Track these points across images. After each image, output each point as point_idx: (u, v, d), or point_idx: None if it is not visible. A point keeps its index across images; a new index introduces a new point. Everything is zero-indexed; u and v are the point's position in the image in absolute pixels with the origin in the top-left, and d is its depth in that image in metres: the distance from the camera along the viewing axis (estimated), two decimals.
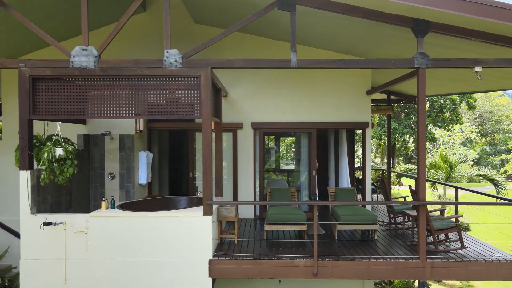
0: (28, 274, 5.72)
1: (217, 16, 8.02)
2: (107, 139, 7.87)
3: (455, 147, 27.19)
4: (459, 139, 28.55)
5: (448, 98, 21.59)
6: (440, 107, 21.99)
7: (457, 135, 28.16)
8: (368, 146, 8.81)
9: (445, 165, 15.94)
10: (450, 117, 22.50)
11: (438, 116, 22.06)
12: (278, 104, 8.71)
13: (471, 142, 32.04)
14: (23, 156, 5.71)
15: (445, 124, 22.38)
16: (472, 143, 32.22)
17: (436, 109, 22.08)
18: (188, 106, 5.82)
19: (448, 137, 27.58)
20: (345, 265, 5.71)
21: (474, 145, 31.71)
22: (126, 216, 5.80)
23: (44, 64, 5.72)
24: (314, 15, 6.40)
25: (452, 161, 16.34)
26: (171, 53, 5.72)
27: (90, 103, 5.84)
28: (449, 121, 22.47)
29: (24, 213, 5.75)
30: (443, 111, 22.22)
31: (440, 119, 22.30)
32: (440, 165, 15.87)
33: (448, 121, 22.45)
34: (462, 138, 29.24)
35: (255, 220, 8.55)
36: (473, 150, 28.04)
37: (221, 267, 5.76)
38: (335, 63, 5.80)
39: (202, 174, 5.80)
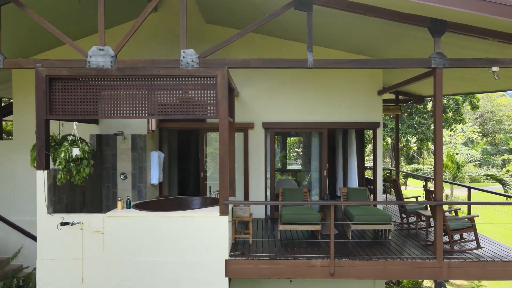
0: (45, 274, 5.73)
1: (229, 16, 8.02)
2: (119, 139, 7.87)
3: (457, 147, 27.18)
4: (461, 139, 28.53)
5: (451, 98, 21.60)
6: (443, 107, 21.97)
7: (458, 135, 28.14)
8: (379, 146, 8.81)
9: (452, 165, 15.94)
10: (453, 117, 22.53)
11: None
12: (289, 104, 8.71)
13: (472, 142, 32.03)
14: (40, 156, 5.71)
15: (447, 124, 22.43)
16: (474, 143, 32.21)
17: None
18: (204, 106, 5.82)
19: (450, 137, 27.56)
20: (362, 265, 5.71)
21: (475, 145, 31.70)
22: (143, 216, 5.80)
23: (61, 64, 5.73)
24: (327, 15, 6.40)
25: (459, 161, 16.32)
26: (187, 53, 5.72)
27: (106, 103, 5.84)
28: (452, 121, 22.51)
29: (41, 213, 5.77)
30: (446, 111, 22.25)
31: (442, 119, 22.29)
32: (448, 165, 15.86)
33: (451, 121, 22.49)
34: (464, 138, 29.23)
35: (266, 220, 8.55)
36: (474, 150, 28.04)
37: (238, 267, 5.76)
38: (352, 63, 5.80)
39: (219, 174, 5.79)
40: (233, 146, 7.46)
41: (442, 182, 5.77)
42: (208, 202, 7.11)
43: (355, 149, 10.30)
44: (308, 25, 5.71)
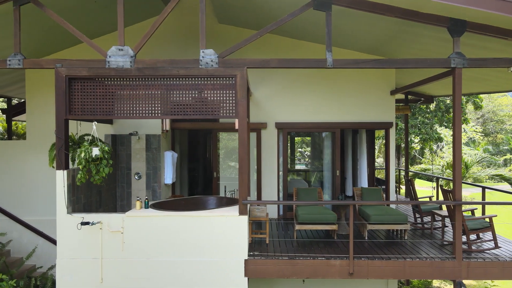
0: (65, 274, 5.74)
1: (243, 16, 8.02)
2: (134, 139, 7.88)
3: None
4: (463, 139, 28.49)
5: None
6: (446, 107, 22.01)
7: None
8: (392, 146, 8.81)
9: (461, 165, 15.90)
10: None
11: (444, 116, 22.07)
12: (302, 104, 8.72)
13: (474, 143, 32.00)
14: (59, 156, 5.72)
15: (451, 124, 22.38)
16: (475, 143, 32.19)
17: (442, 109, 22.10)
18: (223, 106, 5.83)
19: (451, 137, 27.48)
20: (381, 264, 5.72)
21: (476, 145, 31.69)
22: (162, 216, 5.81)
23: (81, 64, 5.74)
24: (341, 15, 6.39)
25: (468, 161, 16.30)
26: (207, 53, 5.73)
27: (124, 103, 5.85)
28: None
29: (61, 213, 5.77)
30: (449, 111, 22.24)
31: (446, 119, 22.33)
32: None
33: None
34: (466, 138, 29.21)
35: (279, 220, 8.56)
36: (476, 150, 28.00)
37: (257, 267, 5.77)
38: (371, 63, 5.81)
39: (238, 173, 5.80)
40: (248, 146, 7.46)
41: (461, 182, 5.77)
42: (224, 202, 7.11)
43: (366, 149, 10.29)
44: (327, 25, 5.71)
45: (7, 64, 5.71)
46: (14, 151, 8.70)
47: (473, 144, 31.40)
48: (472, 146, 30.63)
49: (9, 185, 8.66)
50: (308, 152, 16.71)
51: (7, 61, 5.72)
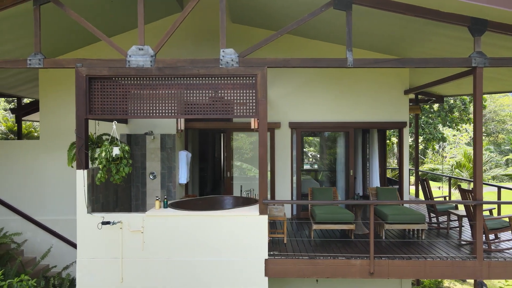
0: (85, 273, 5.74)
1: (258, 16, 8.01)
2: (149, 138, 7.88)
3: (461, 147, 27.10)
4: (465, 139, 28.45)
5: (458, 98, 21.55)
6: (450, 107, 21.98)
7: (463, 135, 28.06)
8: (406, 145, 8.81)
9: (470, 164, 15.90)
10: (460, 117, 22.47)
11: (448, 116, 22.03)
12: (315, 103, 8.71)
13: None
14: (80, 156, 5.72)
15: (454, 123, 22.36)
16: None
17: (446, 109, 22.07)
18: (243, 105, 5.82)
19: (454, 137, 27.47)
20: (402, 264, 5.71)
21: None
22: (182, 215, 5.80)
23: (101, 64, 5.74)
24: (357, 14, 6.38)
25: None
26: (227, 52, 5.72)
27: (144, 103, 5.84)
28: (459, 120, 22.45)
29: (81, 212, 5.77)
30: (452, 111, 22.19)
31: (449, 119, 22.29)
32: (465, 165, 15.83)
33: (457, 121, 22.43)
34: (468, 138, 29.16)
35: (292, 220, 8.55)
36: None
37: (277, 267, 5.76)
38: (391, 62, 5.80)
39: (258, 173, 5.79)
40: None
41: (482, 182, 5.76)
42: (240, 201, 7.11)
43: (377, 149, 10.29)
44: (348, 24, 5.70)
45: (27, 64, 5.71)
46: (28, 151, 8.70)
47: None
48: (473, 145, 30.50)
49: (22, 185, 8.66)
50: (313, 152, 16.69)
51: (27, 60, 5.71)
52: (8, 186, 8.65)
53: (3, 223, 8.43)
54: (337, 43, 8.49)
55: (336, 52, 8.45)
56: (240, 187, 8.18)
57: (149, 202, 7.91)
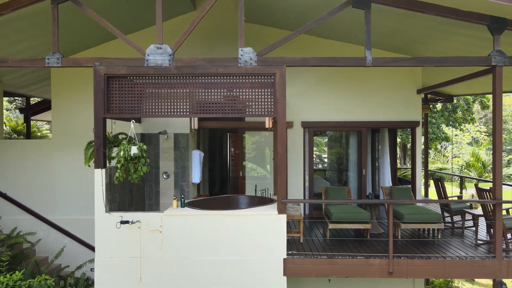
0: (103, 272, 5.73)
1: (273, 15, 7.99)
2: (162, 137, 7.87)
3: (464, 147, 27.06)
4: (467, 139, 28.39)
5: (461, 98, 21.51)
6: (453, 107, 21.95)
7: (465, 134, 28.02)
8: (418, 145, 8.79)
9: (478, 164, 15.90)
10: (463, 117, 22.43)
11: (451, 115, 21.99)
12: (327, 103, 8.70)
13: (477, 142, 31.89)
14: (98, 155, 5.71)
15: (457, 123, 22.33)
16: (478, 143, 32.08)
17: (449, 109, 22.04)
18: (262, 105, 5.80)
19: (456, 137, 27.43)
20: (421, 264, 5.69)
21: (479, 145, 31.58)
22: (201, 214, 5.79)
23: (119, 63, 5.73)
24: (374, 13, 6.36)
25: (485, 160, 16.27)
26: (245, 51, 5.71)
27: (162, 101, 5.83)
28: (462, 120, 22.41)
29: (99, 212, 5.76)
30: (456, 111, 22.16)
31: (452, 119, 22.26)
32: (474, 165, 15.81)
33: (460, 121, 22.40)
34: (470, 138, 29.10)
35: (304, 219, 8.53)
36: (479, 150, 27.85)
37: (296, 266, 5.75)
38: (410, 61, 5.78)
39: (277, 172, 5.78)
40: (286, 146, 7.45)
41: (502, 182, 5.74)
42: (256, 201, 7.09)
43: (388, 148, 10.25)
44: (367, 23, 5.69)
45: (45, 63, 5.70)
46: (40, 151, 8.69)
47: (476, 144, 31.32)
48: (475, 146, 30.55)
49: (34, 184, 8.66)
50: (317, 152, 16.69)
51: (45, 59, 5.70)
52: (20, 186, 8.64)
53: (15, 223, 8.42)
54: (350, 42, 8.47)
55: (348, 52, 8.43)
56: (254, 186, 8.16)
57: (163, 202, 7.91)
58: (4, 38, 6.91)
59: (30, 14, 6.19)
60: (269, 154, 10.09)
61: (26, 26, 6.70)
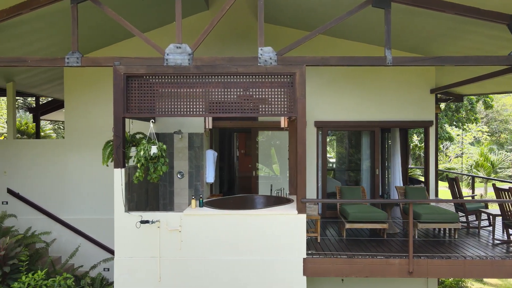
0: (123, 272, 5.72)
1: (288, 15, 7.98)
2: (176, 137, 7.87)
3: (466, 147, 27.00)
4: (469, 138, 28.34)
5: (465, 98, 21.41)
6: (456, 107, 21.90)
7: (467, 134, 27.97)
8: (432, 145, 8.78)
9: (487, 164, 15.89)
10: (466, 117, 22.39)
11: (454, 115, 21.94)
12: (341, 102, 8.69)
13: (479, 142, 31.83)
14: (118, 154, 5.71)
15: (460, 123, 22.29)
16: (480, 142, 32.03)
17: (452, 109, 22.01)
18: (281, 104, 5.79)
19: (458, 137, 27.37)
20: (441, 263, 5.67)
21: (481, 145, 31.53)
22: (220, 214, 5.78)
23: (139, 62, 5.72)
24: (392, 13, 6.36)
25: (494, 160, 16.26)
26: (265, 50, 5.70)
27: (181, 101, 5.82)
28: (465, 120, 22.37)
29: (118, 211, 5.75)
30: (459, 111, 22.12)
31: (455, 119, 22.21)
32: (483, 164, 15.81)
33: (464, 121, 22.35)
34: (472, 138, 29.04)
35: None
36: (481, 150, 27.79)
37: (315, 266, 5.74)
38: (430, 60, 5.77)
39: (297, 172, 5.77)
40: (295, 145, 7.44)
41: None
42: (272, 200, 7.08)
43: (399, 148, 10.25)
44: (387, 22, 5.68)
45: (65, 62, 5.70)
46: (53, 150, 8.69)
47: (477, 144, 31.26)
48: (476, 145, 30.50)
49: (47, 184, 8.66)
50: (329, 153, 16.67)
51: (65, 59, 5.70)
52: (32, 185, 8.65)
53: (28, 222, 8.43)
54: (364, 42, 8.46)
55: (362, 51, 8.43)
56: (270, 186, 8.14)
57: (177, 201, 7.90)
58: (20, 38, 6.90)
59: (45, 13, 6.18)
60: (274, 154, 10.08)
61: (42, 25, 6.69)
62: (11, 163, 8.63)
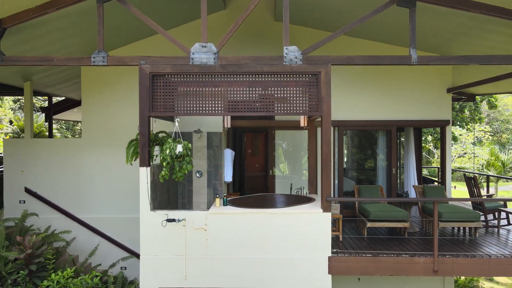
0: (148, 271, 5.74)
1: (306, 15, 7.99)
2: (195, 136, 7.88)
3: (468, 147, 26.95)
4: (471, 138, 28.30)
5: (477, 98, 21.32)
6: (460, 107, 21.89)
7: (469, 134, 27.92)
8: (448, 144, 8.79)
9: (498, 163, 15.90)
10: (470, 116, 22.36)
11: (458, 115, 21.91)
12: (357, 102, 8.71)
13: (481, 142, 31.78)
14: (143, 153, 5.73)
15: (464, 123, 22.27)
16: (482, 142, 31.97)
17: (456, 108, 22.00)
18: (306, 103, 5.81)
19: (460, 137, 27.32)
20: (466, 262, 5.69)
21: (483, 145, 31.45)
22: (246, 212, 5.80)
23: (164, 61, 5.74)
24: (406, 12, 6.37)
25: (504, 159, 16.27)
26: (290, 49, 5.72)
27: (206, 100, 5.84)
28: (469, 120, 22.34)
29: (144, 210, 5.77)
30: (463, 111, 22.10)
31: (459, 118, 22.18)
32: (494, 164, 15.82)
33: (468, 121, 22.32)
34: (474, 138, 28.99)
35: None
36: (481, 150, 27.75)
37: (340, 264, 5.76)
38: (456, 59, 5.79)
39: (322, 170, 5.79)
40: (314, 144, 7.47)
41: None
42: (293, 199, 7.09)
43: (414, 148, 10.25)
44: (411, 21, 5.69)
45: (91, 61, 5.71)
46: (70, 150, 8.72)
47: (479, 144, 31.20)
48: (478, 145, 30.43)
49: (64, 183, 8.69)
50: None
51: (91, 58, 5.72)
52: (49, 184, 8.68)
53: (46, 221, 8.45)
54: (384, 42, 8.48)
55: (382, 51, 8.46)
56: (290, 185, 8.15)
57: (195, 200, 7.92)
58: (41, 38, 6.92)
59: (67, 13, 6.19)
60: (282, 154, 10.08)
61: (63, 25, 6.71)
62: (28, 162, 8.66)
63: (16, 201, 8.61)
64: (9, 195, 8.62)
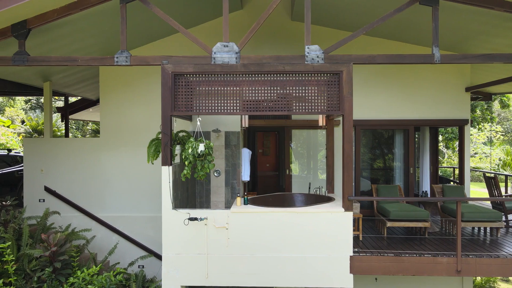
0: (170, 269, 5.78)
1: (325, 14, 7.97)
2: (213, 135, 7.92)
3: (479, 147, 26.62)
4: (482, 138, 27.95)
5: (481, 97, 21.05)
6: (472, 106, 21.64)
7: (480, 134, 27.58)
8: (467, 143, 8.71)
9: None
10: (482, 116, 22.11)
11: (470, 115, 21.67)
12: (374, 101, 8.67)
13: (491, 142, 31.36)
14: (165, 152, 5.77)
15: (476, 123, 22.01)
16: (493, 142, 31.55)
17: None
18: (328, 102, 5.80)
19: (472, 137, 26.98)
20: (490, 262, 5.64)
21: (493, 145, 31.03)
22: (267, 211, 5.81)
23: (186, 61, 5.77)
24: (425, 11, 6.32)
25: None
26: (312, 49, 5.72)
27: (228, 99, 5.86)
28: (481, 120, 22.08)
29: (166, 208, 5.81)
30: (474, 110, 21.85)
31: (471, 118, 21.90)
32: (511, 164, 15.64)
33: (479, 120, 22.07)
34: (485, 137, 28.63)
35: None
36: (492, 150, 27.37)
37: (362, 264, 5.75)
38: (480, 58, 5.73)
39: (343, 170, 5.78)
40: (332, 143, 7.45)
41: None
42: (312, 199, 7.09)
43: (429, 147, 10.18)
44: (434, 20, 5.65)
45: (114, 61, 5.77)
46: (88, 149, 8.81)
47: (489, 144, 30.78)
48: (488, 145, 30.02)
49: (82, 182, 8.78)
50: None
51: (114, 58, 5.77)
52: (68, 183, 8.77)
53: (65, 220, 8.56)
54: (403, 41, 8.44)
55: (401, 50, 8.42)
56: (308, 184, 8.14)
57: (213, 200, 7.95)
58: (62, 38, 7.00)
59: (88, 14, 6.26)
60: (292, 153, 10.05)
61: (84, 26, 6.78)
62: (47, 161, 8.77)
63: (36, 199, 8.72)
64: (29, 194, 8.74)
